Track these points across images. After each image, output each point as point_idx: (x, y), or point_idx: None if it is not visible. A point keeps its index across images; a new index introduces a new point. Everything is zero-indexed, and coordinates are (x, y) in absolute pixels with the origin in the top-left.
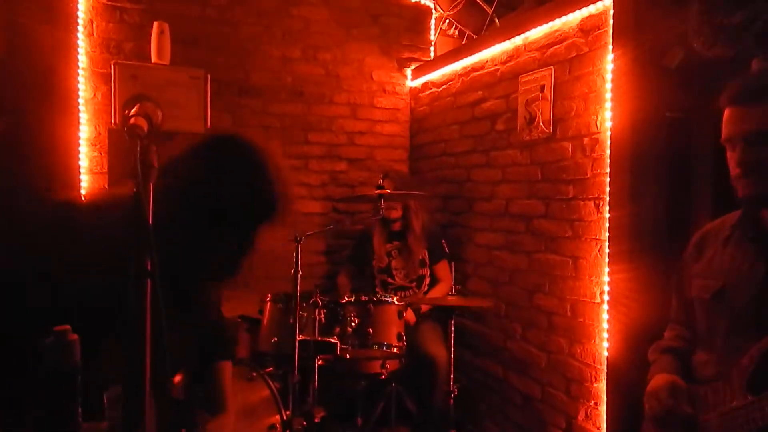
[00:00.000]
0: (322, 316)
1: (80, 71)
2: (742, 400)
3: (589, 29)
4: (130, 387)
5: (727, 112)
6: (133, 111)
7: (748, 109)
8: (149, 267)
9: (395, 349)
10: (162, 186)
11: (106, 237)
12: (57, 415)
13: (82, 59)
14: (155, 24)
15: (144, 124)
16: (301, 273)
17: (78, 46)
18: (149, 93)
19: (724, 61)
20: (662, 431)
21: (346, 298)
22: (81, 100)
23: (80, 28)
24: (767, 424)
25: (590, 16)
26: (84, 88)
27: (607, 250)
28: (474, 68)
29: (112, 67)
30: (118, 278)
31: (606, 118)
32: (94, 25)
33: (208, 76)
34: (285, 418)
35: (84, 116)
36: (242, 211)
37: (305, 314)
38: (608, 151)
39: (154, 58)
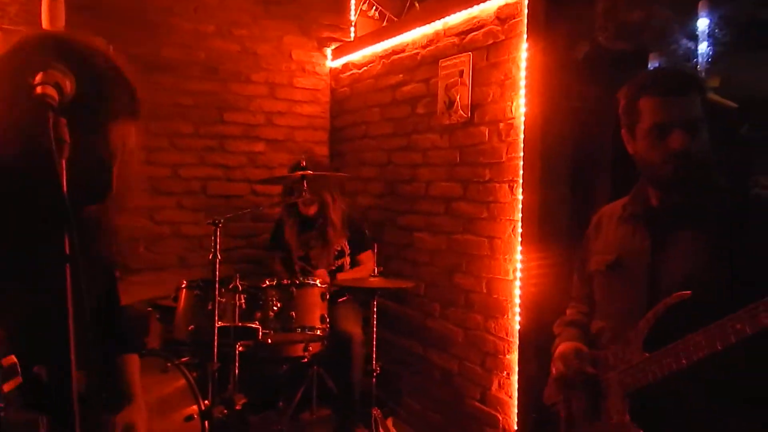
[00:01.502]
0: (243, 301)
1: None
2: (640, 357)
3: (506, 17)
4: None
5: (651, 101)
6: (38, 78)
7: (678, 98)
8: (68, 251)
9: (318, 332)
10: None
11: None
12: None
13: None
14: None
15: (54, 93)
16: (219, 258)
17: None
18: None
19: (626, 54)
20: (568, 391)
21: (267, 282)
22: None
23: None
24: (664, 375)
25: (506, 5)
26: None
27: (519, 231)
28: (395, 51)
29: None
30: None
31: (520, 105)
32: None
33: (111, 47)
34: (203, 407)
35: None
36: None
37: (224, 300)
38: (522, 136)
39: (45, 24)
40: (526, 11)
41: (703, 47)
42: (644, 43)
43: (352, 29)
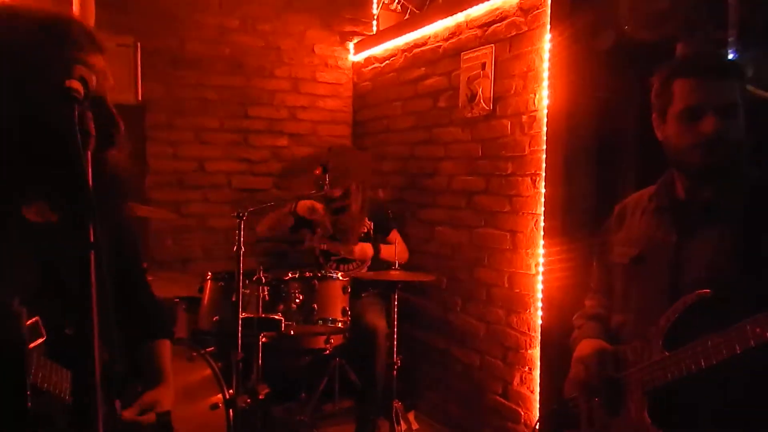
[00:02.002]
0: (266, 293)
1: None
2: (659, 355)
3: (529, 8)
4: (78, 365)
5: (686, 83)
6: (67, 73)
7: (715, 82)
8: (92, 238)
9: (340, 324)
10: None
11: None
12: (3, 395)
13: None
14: None
15: (80, 87)
16: (243, 250)
17: None
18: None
19: (652, 43)
20: (587, 394)
21: (290, 275)
22: None
23: None
24: (682, 375)
25: None
26: None
27: (542, 224)
28: (417, 44)
29: None
30: None
31: (543, 97)
32: None
33: (138, 44)
34: (228, 396)
35: None
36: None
37: (248, 291)
38: (545, 129)
39: None
40: (549, 1)
41: (732, 35)
42: (671, 32)
43: (375, 23)
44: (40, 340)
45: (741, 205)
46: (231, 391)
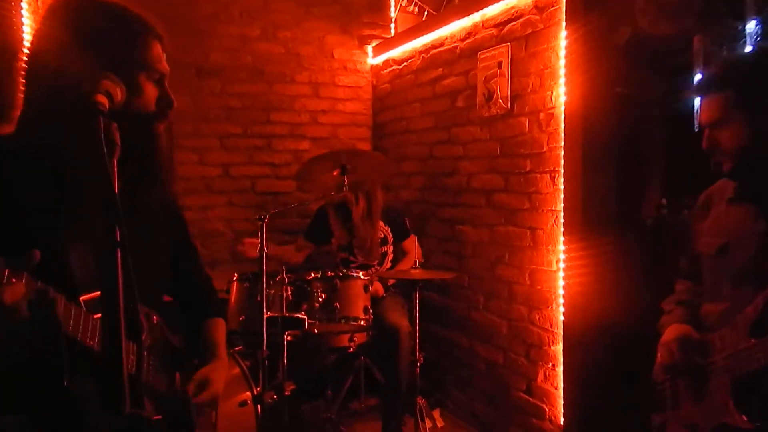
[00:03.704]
0: (289, 293)
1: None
2: (746, 343)
3: (544, 6)
4: (109, 348)
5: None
6: (90, 87)
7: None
8: (118, 237)
9: (362, 322)
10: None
11: None
12: (42, 373)
13: (27, 38)
14: None
15: (105, 101)
16: (266, 251)
17: (23, 24)
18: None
19: (669, 37)
20: (672, 378)
21: (312, 275)
22: None
23: (23, 4)
24: None
25: None
26: None
27: (562, 221)
28: (434, 45)
29: None
30: None
31: (560, 94)
32: (39, 1)
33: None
34: (255, 393)
35: None
36: None
37: (272, 291)
38: (562, 126)
39: None
40: None
41: (751, 26)
42: (688, 25)
43: (392, 26)
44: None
45: None
46: (258, 388)
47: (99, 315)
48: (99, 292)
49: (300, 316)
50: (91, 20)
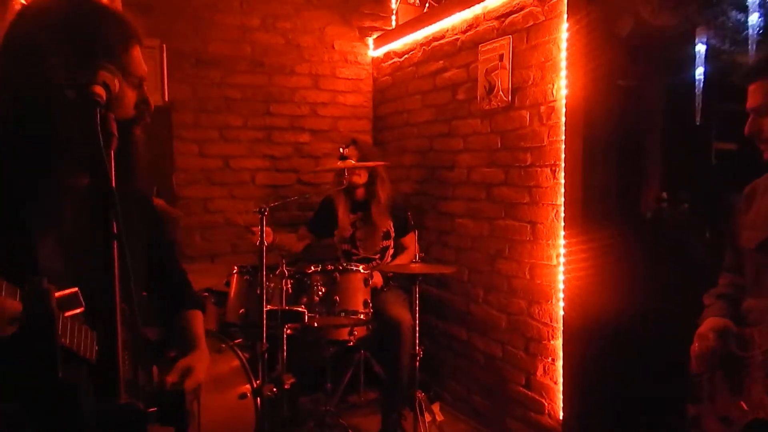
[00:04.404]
0: (289, 286)
1: None
2: None
3: None
4: (104, 341)
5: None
6: (91, 79)
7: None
8: (115, 230)
9: (362, 316)
10: None
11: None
12: (36, 363)
13: None
14: None
15: (102, 92)
16: (266, 244)
17: None
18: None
19: (671, 29)
20: (704, 367)
21: (312, 268)
22: None
23: None
24: None
25: None
26: None
27: (562, 215)
28: (435, 38)
29: None
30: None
31: (561, 87)
32: None
33: (164, 46)
34: (255, 386)
35: None
36: None
37: (272, 285)
38: (563, 119)
39: None
40: None
41: (754, 18)
42: (690, 17)
43: (393, 17)
44: (78, 310)
45: None
46: (258, 381)
47: (70, 313)
48: (72, 289)
49: (300, 309)
50: (75, 22)
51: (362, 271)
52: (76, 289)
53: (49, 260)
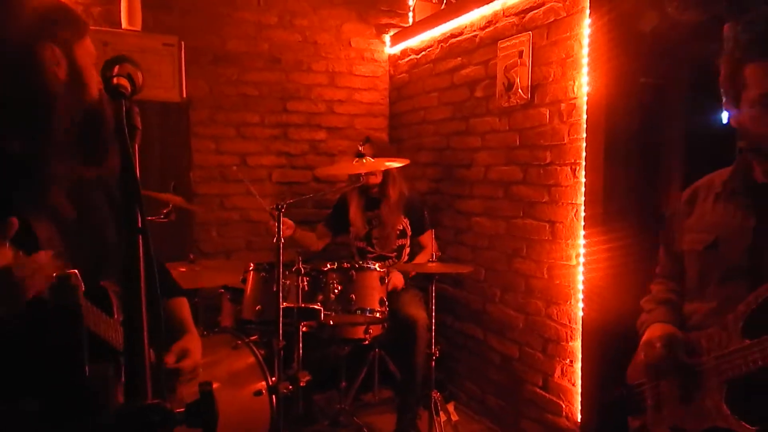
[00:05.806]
0: (305, 283)
1: None
2: (738, 343)
3: None
4: (131, 345)
5: (759, 67)
6: (114, 71)
7: None
8: (140, 223)
9: (378, 314)
10: None
11: None
12: (62, 358)
13: None
14: None
15: (127, 84)
16: (282, 242)
17: None
18: (129, 55)
19: (697, 24)
20: (658, 377)
21: (328, 265)
22: None
23: None
24: (766, 364)
25: None
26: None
27: (582, 214)
28: (453, 34)
29: None
30: None
31: (583, 84)
32: None
33: (182, 43)
34: (271, 383)
35: None
36: None
37: (288, 282)
38: (585, 117)
39: (124, 24)
40: None
41: None
42: (717, 12)
43: (411, 14)
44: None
45: None
46: (274, 378)
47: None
48: (72, 271)
49: (316, 306)
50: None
51: (378, 269)
52: (75, 271)
53: (47, 244)
